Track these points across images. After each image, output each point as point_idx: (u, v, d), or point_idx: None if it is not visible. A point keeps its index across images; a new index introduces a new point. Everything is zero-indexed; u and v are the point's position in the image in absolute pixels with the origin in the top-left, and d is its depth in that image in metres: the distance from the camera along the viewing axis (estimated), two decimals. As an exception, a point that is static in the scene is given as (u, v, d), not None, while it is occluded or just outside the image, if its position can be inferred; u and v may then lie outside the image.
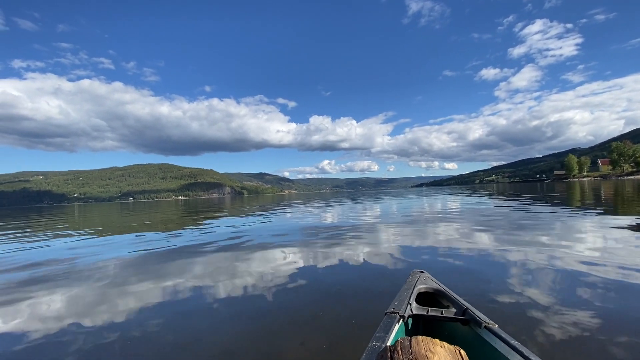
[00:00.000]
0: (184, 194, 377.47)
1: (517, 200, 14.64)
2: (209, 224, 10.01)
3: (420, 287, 1.68)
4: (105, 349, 2.02)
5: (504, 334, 1.21)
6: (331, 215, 11.14)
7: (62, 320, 2.54)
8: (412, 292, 1.60)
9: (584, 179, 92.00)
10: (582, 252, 3.75)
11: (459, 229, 6.12)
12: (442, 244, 4.75)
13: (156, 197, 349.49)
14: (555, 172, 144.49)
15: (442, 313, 1.46)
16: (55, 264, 4.67)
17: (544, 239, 4.74)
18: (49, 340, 2.23)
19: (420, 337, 1.01)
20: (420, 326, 1.57)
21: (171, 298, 2.90)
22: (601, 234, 4.93)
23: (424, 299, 1.68)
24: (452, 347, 1.00)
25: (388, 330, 1.27)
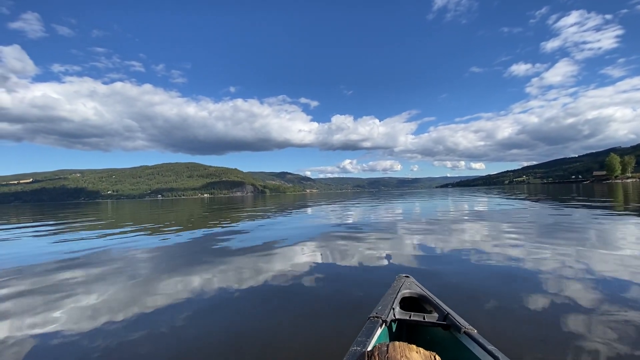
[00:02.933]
0: (209, 192, 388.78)
1: (556, 203, 13.25)
2: (215, 223, 9.95)
3: (405, 292, 1.70)
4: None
5: (482, 339, 1.24)
6: (345, 216, 10.96)
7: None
8: (395, 297, 1.62)
9: (628, 181, 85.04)
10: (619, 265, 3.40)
11: (476, 236, 5.73)
12: (453, 249, 4.59)
13: (183, 195, 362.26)
14: (595, 173, 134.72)
15: (424, 318, 1.48)
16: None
17: (577, 250, 4.37)
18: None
19: (397, 343, 1.03)
20: (403, 331, 1.58)
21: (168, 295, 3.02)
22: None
23: (408, 303, 1.70)
24: (427, 352, 1.03)
25: (370, 335, 1.28)
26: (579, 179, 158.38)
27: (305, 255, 4.48)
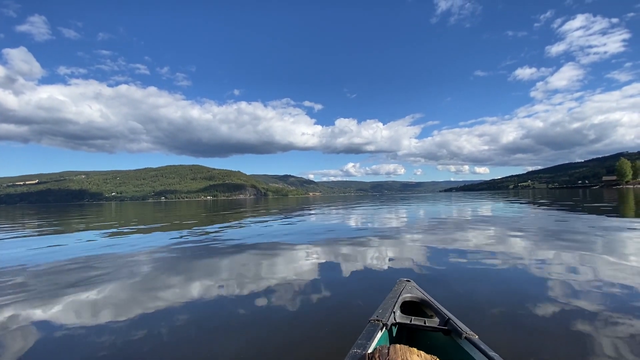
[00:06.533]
0: (213, 195, 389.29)
1: (567, 209, 12.21)
2: (215, 226, 9.23)
3: (406, 296, 1.70)
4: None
5: (483, 345, 1.23)
6: (345, 219, 10.41)
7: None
8: (397, 301, 1.62)
9: None
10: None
11: (479, 241, 5.60)
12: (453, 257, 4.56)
13: (186, 197, 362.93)
14: (604, 178, 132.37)
15: (425, 322, 1.48)
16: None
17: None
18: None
19: (398, 346, 1.03)
20: (403, 335, 1.58)
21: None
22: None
23: (409, 307, 1.70)
24: (428, 356, 1.02)
25: (370, 338, 1.29)
26: (586, 184, 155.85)
27: (304, 259, 4.52)
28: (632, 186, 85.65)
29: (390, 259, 4.38)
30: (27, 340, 2.25)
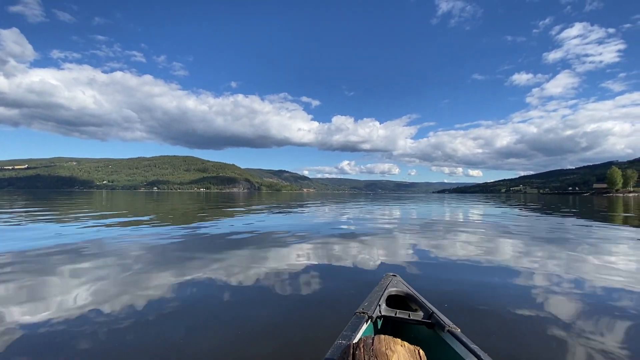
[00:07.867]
0: (206, 187, 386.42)
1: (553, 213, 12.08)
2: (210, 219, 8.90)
3: (391, 290, 1.74)
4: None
5: (464, 338, 1.28)
6: (339, 216, 10.14)
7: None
8: (382, 295, 1.66)
9: (630, 195, 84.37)
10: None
11: (465, 241, 5.67)
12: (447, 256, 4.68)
13: (179, 189, 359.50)
14: (595, 185, 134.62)
15: (409, 316, 1.52)
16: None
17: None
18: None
19: (382, 336, 1.05)
20: (388, 327, 1.63)
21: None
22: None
23: (394, 301, 1.74)
24: (412, 346, 1.04)
25: (355, 330, 1.32)
26: (577, 191, 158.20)
27: (292, 254, 4.57)
28: (621, 195, 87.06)
29: (377, 255, 4.54)
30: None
